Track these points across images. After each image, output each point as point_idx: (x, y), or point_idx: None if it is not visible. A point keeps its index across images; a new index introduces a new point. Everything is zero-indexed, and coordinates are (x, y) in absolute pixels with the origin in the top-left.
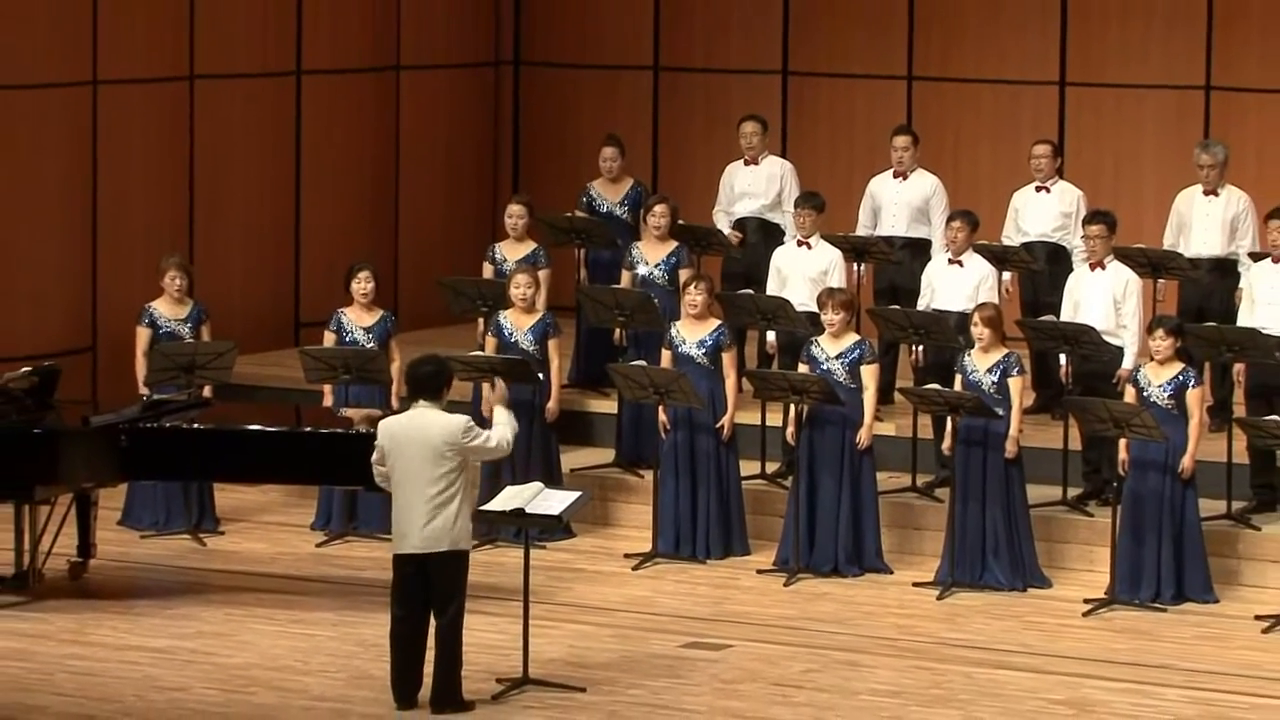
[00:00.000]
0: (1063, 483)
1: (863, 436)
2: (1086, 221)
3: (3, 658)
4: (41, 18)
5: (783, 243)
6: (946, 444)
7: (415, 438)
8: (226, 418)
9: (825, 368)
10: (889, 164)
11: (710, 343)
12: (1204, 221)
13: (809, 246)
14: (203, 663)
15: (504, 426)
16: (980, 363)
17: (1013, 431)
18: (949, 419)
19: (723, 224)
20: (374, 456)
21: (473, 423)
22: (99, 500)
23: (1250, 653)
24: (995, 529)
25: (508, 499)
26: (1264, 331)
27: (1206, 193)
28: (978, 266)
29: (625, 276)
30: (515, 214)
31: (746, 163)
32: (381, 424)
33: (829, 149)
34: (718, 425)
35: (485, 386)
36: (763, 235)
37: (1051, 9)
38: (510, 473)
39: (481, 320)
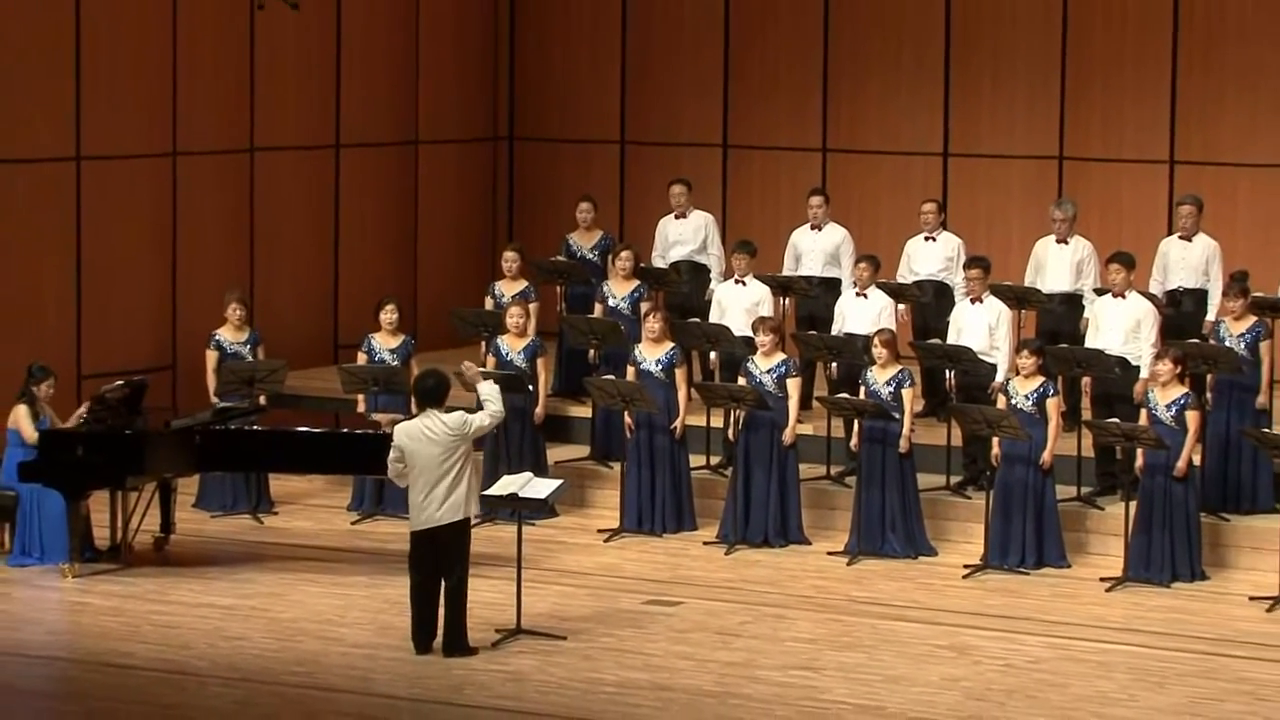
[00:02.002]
0: (946, 472)
1: (787, 435)
2: (967, 265)
3: (100, 614)
4: (131, 102)
5: (709, 280)
6: (854, 441)
7: (428, 437)
8: (279, 421)
9: (758, 380)
10: (807, 218)
11: (666, 361)
12: (1057, 264)
13: (744, 284)
14: (260, 617)
15: (489, 401)
16: (879, 376)
17: (906, 431)
18: (856, 421)
19: (658, 265)
20: (391, 455)
21: (465, 414)
22: (178, 488)
23: (1096, 608)
24: (892, 509)
25: (504, 486)
26: (1105, 352)
27: (1059, 241)
28: (879, 299)
29: (597, 308)
30: (510, 258)
31: (677, 216)
32: (398, 429)
33: (760, 206)
34: (672, 426)
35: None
36: (693, 274)
37: (936, 95)
38: (506, 464)
39: (484, 343)
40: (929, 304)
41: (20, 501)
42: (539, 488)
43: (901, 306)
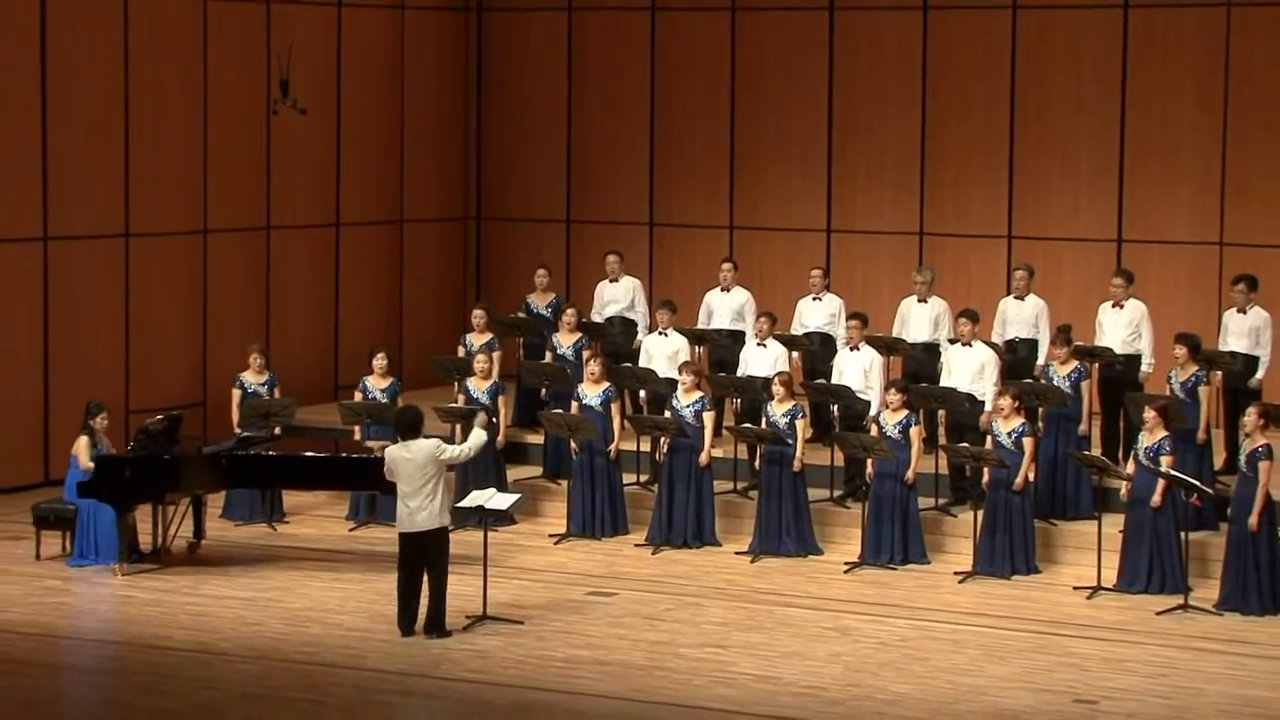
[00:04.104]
0: (830, 486)
1: (703, 457)
2: (849, 317)
3: (144, 605)
4: (169, 189)
5: (638, 333)
6: (756, 462)
7: (409, 460)
8: (290, 447)
9: (680, 413)
10: (718, 283)
11: (604, 398)
12: (918, 319)
13: (666, 335)
14: (275, 606)
15: (471, 439)
16: (777, 410)
17: (798, 454)
18: (758, 446)
19: (596, 321)
20: (386, 466)
21: (441, 443)
22: (207, 501)
23: (951, 596)
24: (787, 516)
25: (473, 499)
26: (957, 390)
27: (919, 300)
28: (776, 348)
29: (548, 355)
30: (478, 315)
31: (611, 281)
32: (386, 452)
33: (679, 272)
34: (608, 450)
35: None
36: (625, 328)
37: (820, 183)
38: (474, 481)
39: (456, 383)
40: (816, 351)
41: (79, 513)
42: (501, 500)
43: (794, 354)
